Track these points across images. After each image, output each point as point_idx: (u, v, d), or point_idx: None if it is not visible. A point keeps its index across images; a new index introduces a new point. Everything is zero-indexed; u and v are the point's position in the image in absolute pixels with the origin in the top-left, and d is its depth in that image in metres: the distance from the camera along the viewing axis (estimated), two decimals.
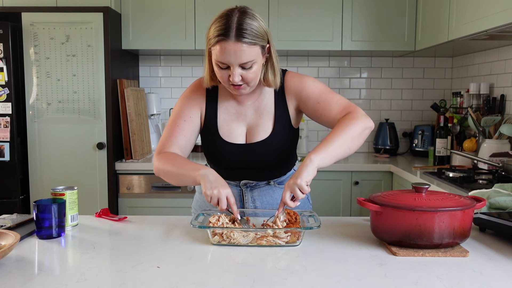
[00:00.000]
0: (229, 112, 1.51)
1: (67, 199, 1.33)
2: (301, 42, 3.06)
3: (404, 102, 3.52)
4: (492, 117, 2.60)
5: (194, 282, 0.96)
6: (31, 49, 2.77)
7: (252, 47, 1.31)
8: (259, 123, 1.50)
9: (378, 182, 2.91)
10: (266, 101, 1.51)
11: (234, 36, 1.28)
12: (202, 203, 1.61)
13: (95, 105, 2.80)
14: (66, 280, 0.97)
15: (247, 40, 1.29)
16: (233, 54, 1.29)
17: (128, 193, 2.87)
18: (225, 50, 1.29)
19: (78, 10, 2.76)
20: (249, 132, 1.50)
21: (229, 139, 1.48)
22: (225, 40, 1.29)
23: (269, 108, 1.50)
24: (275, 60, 1.42)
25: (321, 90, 1.47)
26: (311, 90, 1.47)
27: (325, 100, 1.45)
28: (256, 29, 1.32)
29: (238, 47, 1.29)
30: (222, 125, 1.50)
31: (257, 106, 1.51)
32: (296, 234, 1.21)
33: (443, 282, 0.96)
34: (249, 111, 1.51)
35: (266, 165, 1.52)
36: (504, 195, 1.44)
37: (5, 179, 2.75)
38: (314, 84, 1.48)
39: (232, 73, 1.33)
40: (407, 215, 1.11)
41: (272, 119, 1.50)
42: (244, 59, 1.31)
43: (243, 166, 1.50)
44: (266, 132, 1.49)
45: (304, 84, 1.48)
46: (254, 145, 1.48)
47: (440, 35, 2.68)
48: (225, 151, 1.48)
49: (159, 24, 3.04)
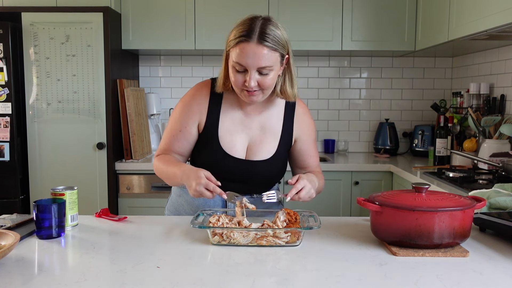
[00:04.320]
0: (234, 122, 1.48)
1: (67, 199, 1.33)
2: (301, 42, 3.06)
3: (404, 102, 3.52)
4: (492, 117, 2.60)
5: (194, 282, 0.96)
6: (31, 49, 2.77)
7: (273, 52, 1.31)
8: (263, 140, 1.48)
9: (378, 182, 2.90)
10: (274, 120, 1.50)
11: (256, 39, 1.29)
12: (177, 206, 1.61)
13: (95, 105, 2.80)
14: (66, 280, 0.97)
15: (269, 44, 1.30)
16: (253, 56, 1.29)
17: (128, 193, 2.87)
18: (246, 51, 1.29)
19: (78, 10, 2.76)
20: (251, 147, 1.48)
21: (229, 151, 1.46)
22: (247, 42, 1.29)
23: (275, 129, 1.50)
24: (293, 72, 1.42)
25: (314, 141, 1.58)
26: (310, 138, 1.56)
27: (313, 156, 1.58)
28: (278, 37, 1.32)
29: (259, 49, 1.29)
30: (224, 135, 1.47)
31: (263, 123, 1.49)
32: (296, 234, 1.21)
33: (443, 282, 0.96)
34: (254, 124, 1.49)
35: (259, 182, 1.51)
36: (504, 195, 1.44)
37: (5, 179, 2.75)
38: (313, 133, 1.58)
39: (249, 77, 1.32)
40: (407, 215, 1.11)
41: (278, 140, 1.49)
42: (263, 63, 1.30)
43: (235, 179, 1.47)
44: (269, 152, 1.48)
45: (309, 126, 1.56)
46: (254, 163, 1.47)
47: (440, 35, 2.68)
48: (223, 163, 1.45)
49: (159, 24, 3.04)
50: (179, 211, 1.59)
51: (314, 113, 3.50)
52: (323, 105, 3.51)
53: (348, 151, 3.53)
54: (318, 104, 3.51)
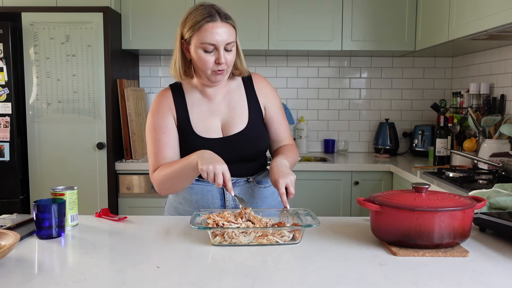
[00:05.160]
0: (201, 110, 1.54)
1: (67, 199, 1.33)
2: (301, 42, 3.06)
3: (404, 102, 3.52)
4: (492, 117, 2.60)
5: (194, 282, 0.96)
6: (31, 49, 2.77)
7: (233, 29, 1.44)
8: (233, 116, 1.54)
9: (378, 182, 2.90)
10: (237, 95, 1.57)
11: (220, 18, 1.40)
12: (176, 205, 1.60)
13: (95, 105, 2.80)
14: (66, 280, 0.97)
15: (230, 22, 1.43)
16: (222, 33, 1.39)
17: (128, 193, 2.87)
18: (214, 30, 1.39)
19: (78, 10, 2.76)
20: (225, 126, 1.54)
21: (206, 135, 1.51)
22: (213, 21, 1.39)
23: (241, 102, 1.57)
24: (240, 49, 1.52)
25: (280, 108, 1.63)
26: (275, 104, 1.62)
27: (283, 123, 1.63)
28: (231, 16, 1.45)
29: (226, 27, 1.41)
30: (196, 123, 1.52)
31: (229, 101, 1.56)
32: (296, 232, 1.21)
33: (443, 282, 0.96)
34: (222, 106, 1.55)
35: (245, 157, 1.54)
36: (504, 195, 1.44)
37: (5, 179, 2.75)
38: (277, 99, 1.64)
39: (220, 54, 1.40)
40: (407, 215, 1.11)
41: (247, 111, 1.56)
42: (230, 39, 1.41)
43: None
44: (242, 123, 1.54)
45: (271, 92, 1.63)
46: (232, 137, 1.52)
47: (440, 35, 2.68)
48: (204, 147, 1.47)
49: (159, 24, 3.04)
50: (178, 210, 1.59)
51: (314, 113, 3.50)
52: (323, 105, 3.51)
53: (348, 151, 3.53)
54: (318, 104, 3.51)
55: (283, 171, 1.40)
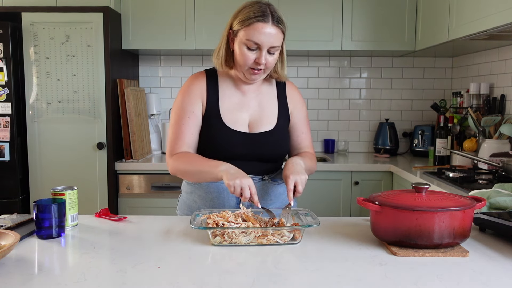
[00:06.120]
0: (232, 102, 1.55)
1: (67, 199, 1.33)
2: (301, 42, 3.06)
3: (404, 102, 3.52)
4: (492, 117, 2.60)
5: (194, 282, 0.96)
6: (31, 49, 2.77)
7: (281, 34, 1.44)
8: (262, 115, 1.56)
9: (378, 182, 2.91)
10: (269, 97, 1.60)
11: (272, 21, 1.41)
12: (190, 203, 1.60)
13: (95, 105, 2.80)
14: (66, 280, 0.97)
15: (281, 27, 1.43)
16: (269, 36, 1.40)
17: (128, 193, 2.87)
18: (263, 31, 1.40)
19: (78, 10, 2.76)
20: (252, 122, 1.56)
21: (233, 127, 1.52)
22: (264, 22, 1.40)
23: (272, 104, 1.59)
24: (285, 55, 1.54)
25: (305, 118, 1.67)
26: (302, 113, 1.65)
27: (306, 133, 1.66)
28: (284, 21, 1.46)
29: (275, 30, 1.41)
30: (225, 113, 1.53)
31: (260, 101, 1.58)
32: (296, 232, 1.21)
33: (443, 282, 0.96)
34: (252, 103, 1.57)
35: (265, 157, 1.56)
36: (504, 195, 1.44)
37: (5, 179, 2.75)
38: (304, 109, 1.67)
39: (261, 55, 1.42)
40: (407, 215, 1.11)
41: (276, 114, 1.58)
42: (276, 43, 1.42)
43: (242, 157, 1.52)
44: (271, 124, 1.56)
45: (300, 102, 1.66)
46: (257, 135, 1.54)
47: (440, 35, 2.68)
48: (229, 138, 1.50)
49: (159, 24, 3.04)
50: (192, 208, 1.59)
51: (314, 113, 3.50)
52: (323, 105, 3.51)
53: (348, 151, 3.53)
54: (318, 104, 3.51)
55: (296, 169, 1.42)
